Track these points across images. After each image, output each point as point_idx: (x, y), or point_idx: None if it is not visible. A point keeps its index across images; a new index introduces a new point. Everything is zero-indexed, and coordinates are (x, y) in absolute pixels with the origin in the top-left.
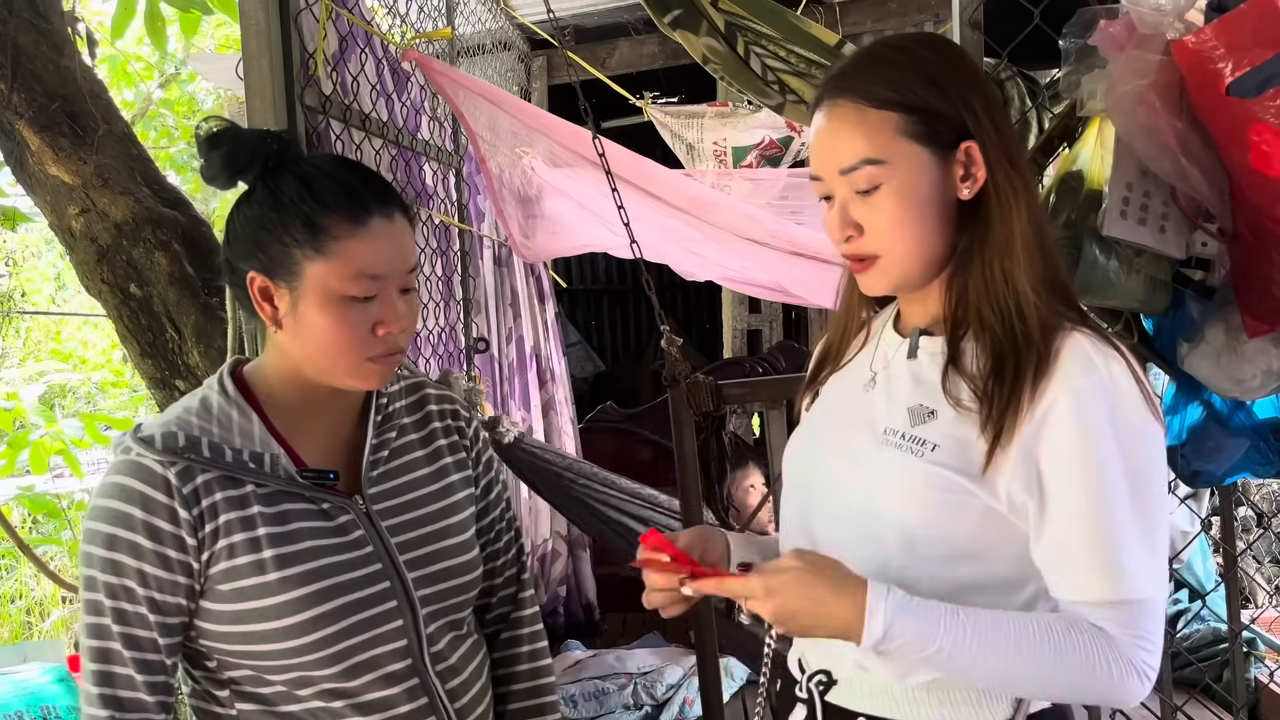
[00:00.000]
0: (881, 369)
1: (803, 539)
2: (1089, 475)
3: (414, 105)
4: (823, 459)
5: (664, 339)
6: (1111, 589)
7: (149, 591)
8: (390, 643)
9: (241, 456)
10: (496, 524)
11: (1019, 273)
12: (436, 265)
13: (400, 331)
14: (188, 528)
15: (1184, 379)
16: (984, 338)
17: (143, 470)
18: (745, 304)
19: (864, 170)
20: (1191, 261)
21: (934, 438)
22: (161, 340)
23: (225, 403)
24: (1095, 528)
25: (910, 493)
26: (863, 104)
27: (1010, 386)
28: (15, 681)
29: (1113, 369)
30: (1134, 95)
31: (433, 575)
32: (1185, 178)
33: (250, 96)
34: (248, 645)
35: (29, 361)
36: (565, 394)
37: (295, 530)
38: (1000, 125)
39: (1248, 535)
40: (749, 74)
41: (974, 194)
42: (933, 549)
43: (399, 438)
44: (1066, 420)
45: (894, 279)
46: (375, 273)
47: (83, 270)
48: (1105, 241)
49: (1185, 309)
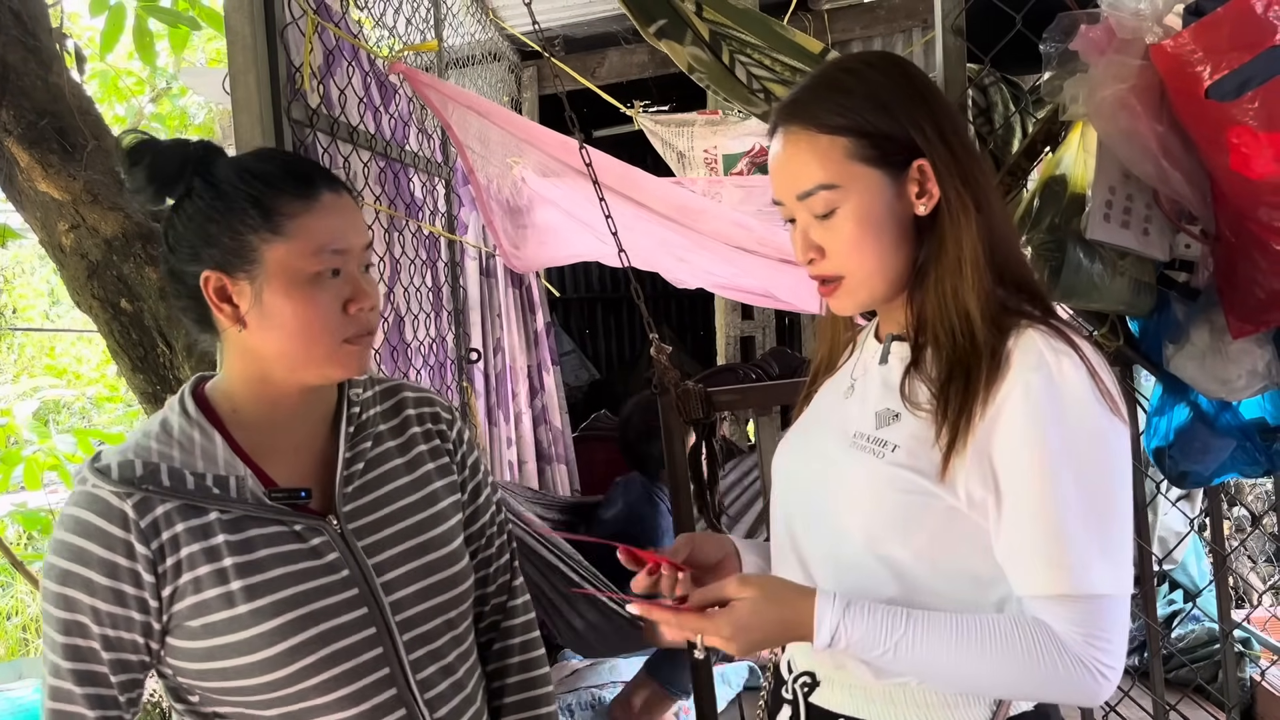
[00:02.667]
0: (860, 376)
1: (788, 544)
2: (1036, 469)
3: (402, 117)
4: (800, 464)
5: (653, 347)
6: (1060, 583)
7: (103, 629)
8: (373, 672)
9: (204, 482)
10: (487, 529)
11: (966, 290)
12: (426, 276)
13: (370, 308)
14: (145, 563)
15: (1170, 380)
16: (939, 349)
17: (98, 503)
18: (738, 311)
19: (819, 195)
20: (1175, 263)
21: (895, 439)
22: (153, 355)
23: (186, 424)
24: (1045, 522)
25: (873, 494)
26: (813, 130)
27: (962, 396)
28: (10, 699)
29: (1063, 364)
30: (1115, 99)
31: (416, 594)
32: (1167, 181)
33: (237, 111)
34: (225, 682)
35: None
36: (557, 403)
37: (264, 558)
38: (952, 143)
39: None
40: (734, 82)
41: (930, 209)
42: (896, 549)
43: (374, 447)
44: (1016, 416)
45: (860, 299)
46: (336, 246)
47: (73, 286)
48: (1089, 245)
49: (1170, 311)
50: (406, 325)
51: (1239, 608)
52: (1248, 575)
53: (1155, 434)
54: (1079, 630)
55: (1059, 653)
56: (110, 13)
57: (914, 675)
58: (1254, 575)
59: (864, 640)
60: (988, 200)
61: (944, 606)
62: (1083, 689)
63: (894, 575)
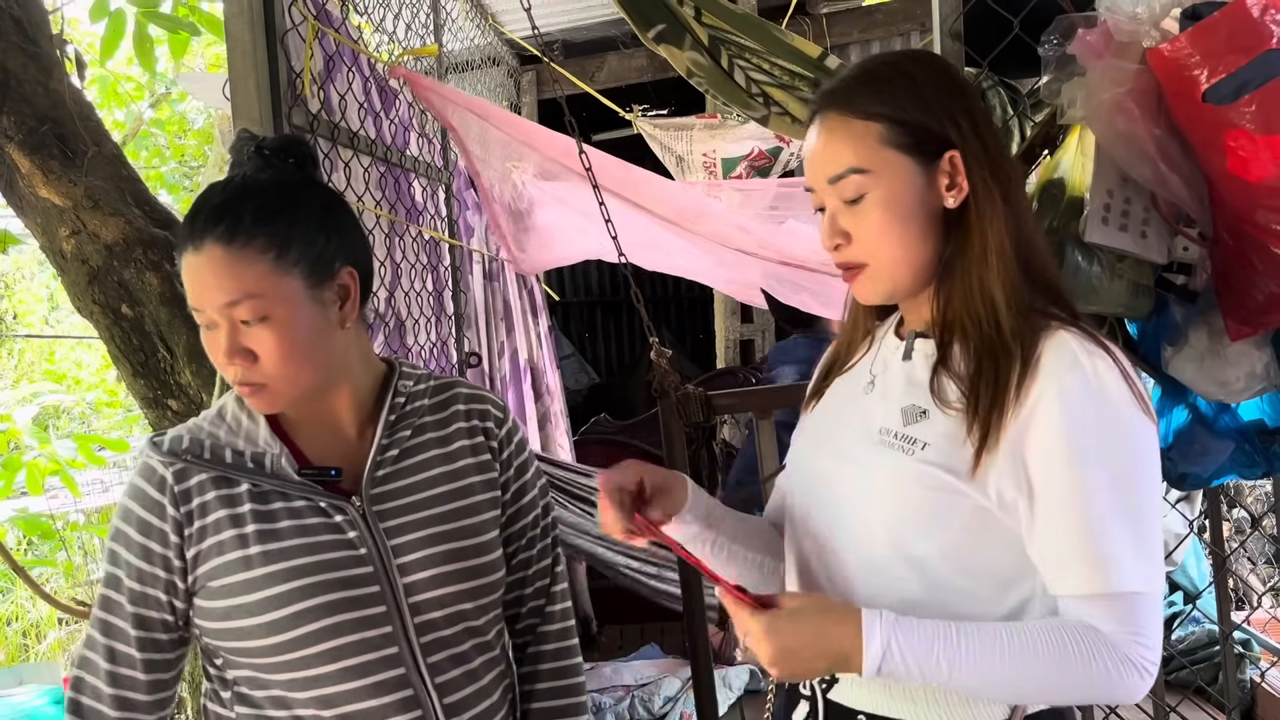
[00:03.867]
0: (880, 372)
1: (807, 541)
2: (1074, 470)
3: (402, 122)
4: (820, 462)
5: (653, 351)
6: (1100, 582)
7: (130, 583)
8: (379, 649)
9: (242, 458)
10: (529, 530)
11: (993, 282)
12: (427, 281)
13: (246, 367)
14: (173, 524)
15: (1169, 382)
16: (967, 343)
17: (146, 469)
18: (737, 314)
19: (850, 179)
20: (1173, 266)
21: (925, 436)
22: (154, 360)
23: (238, 408)
24: (1081, 522)
25: (899, 491)
26: (849, 116)
27: (993, 390)
28: (11, 705)
29: (1098, 365)
30: (1112, 103)
31: (434, 579)
32: (1165, 184)
33: (237, 117)
34: (239, 642)
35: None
36: (560, 407)
37: (284, 528)
38: (984, 138)
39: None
40: (733, 87)
41: (959, 203)
42: (921, 548)
43: (414, 437)
44: (1051, 417)
45: (884, 288)
46: (194, 304)
47: (74, 291)
48: (1087, 248)
49: (1168, 313)
50: (408, 330)
51: (1239, 609)
52: (1247, 577)
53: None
54: (1124, 629)
55: (1108, 653)
56: (110, 19)
57: (962, 688)
58: (1254, 577)
59: (916, 660)
60: (1016, 198)
61: (964, 606)
62: (1128, 687)
63: (917, 573)
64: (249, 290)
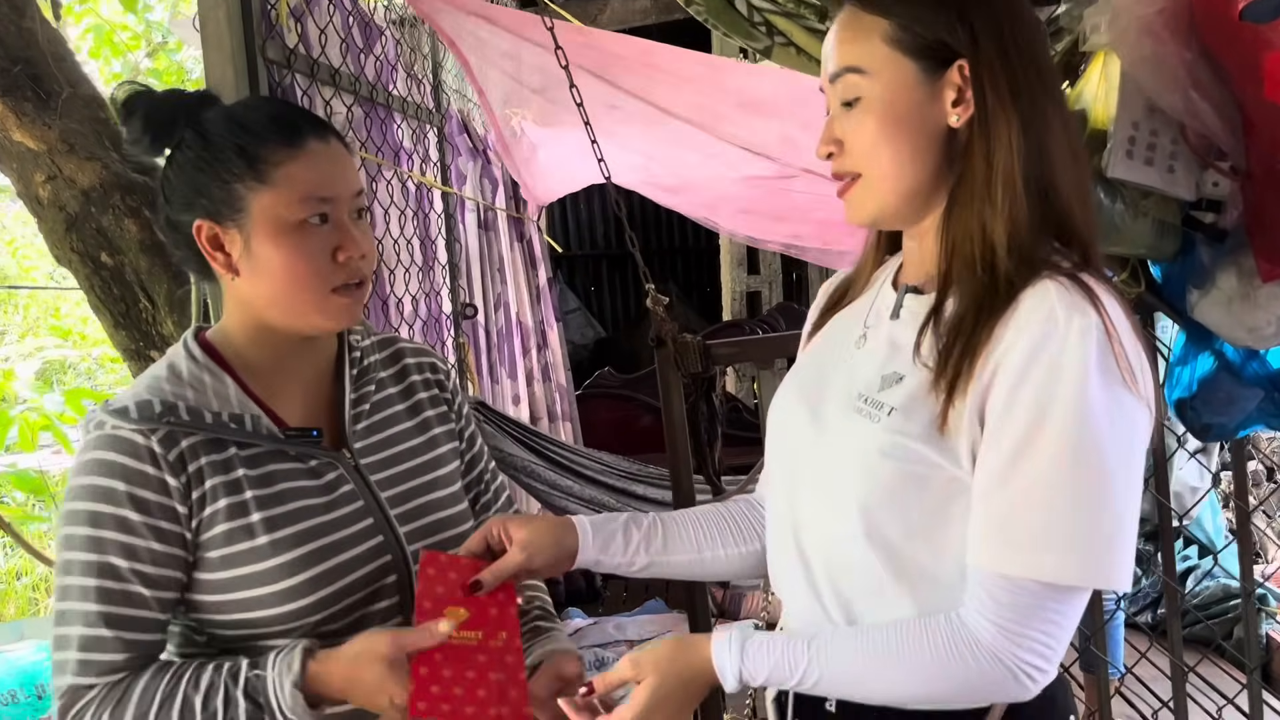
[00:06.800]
0: (873, 326)
1: (785, 507)
2: (1013, 435)
3: (388, 60)
4: (799, 420)
5: (649, 298)
6: (1006, 561)
7: (136, 565)
8: (384, 599)
9: (221, 418)
10: (485, 475)
11: (994, 219)
12: (414, 227)
13: (361, 257)
14: (179, 496)
15: (1194, 328)
16: (959, 291)
17: (121, 443)
18: (744, 265)
19: (846, 79)
20: (1202, 203)
21: (893, 401)
22: (135, 310)
23: (195, 367)
24: (1012, 490)
25: (867, 467)
26: (862, 9)
27: (967, 338)
28: (9, 660)
29: (1073, 326)
30: (1140, 25)
31: (424, 528)
32: (1195, 113)
33: (207, 50)
34: (242, 614)
35: (28, 338)
36: (560, 360)
37: (283, 491)
38: (1007, 47)
39: (1258, 490)
40: (734, 15)
41: (964, 122)
42: (890, 528)
43: (378, 391)
44: (1009, 375)
45: (870, 207)
46: (322, 194)
47: (52, 240)
48: (1110, 184)
49: (1195, 254)
50: (398, 278)
51: (1254, 563)
52: (1264, 530)
53: (1177, 385)
54: (1004, 621)
55: (972, 652)
56: None
57: (834, 694)
58: (1270, 530)
59: (772, 677)
60: (1045, 122)
61: (934, 591)
62: (1003, 689)
63: (884, 554)
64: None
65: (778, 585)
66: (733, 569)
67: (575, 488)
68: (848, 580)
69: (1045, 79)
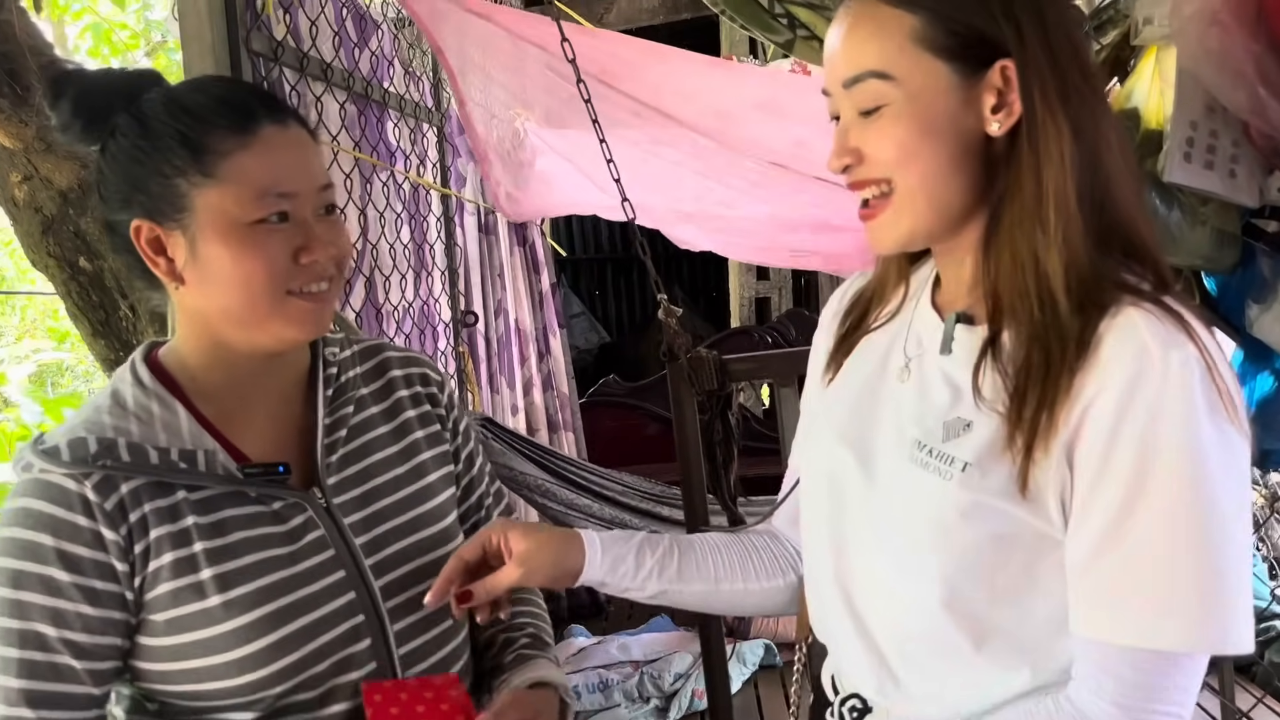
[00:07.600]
0: (916, 356)
1: (829, 561)
2: (1122, 488)
3: (384, 55)
4: (844, 467)
5: (661, 309)
6: (1119, 629)
7: (65, 633)
8: (356, 668)
9: (169, 457)
10: (485, 499)
11: (1048, 248)
12: (411, 231)
13: (329, 258)
14: (117, 551)
15: (1253, 345)
16: (1017, 327)
17: (51, 489)
18: (753, 271)
19: (868, 84)
20: (1265, 211)
21: (964, 455)
22: (114, 318)
23: (141, 394)
24: (1118, 553)
25: (941, 525)
26: (880, 1)
27: (1040, 387)
28: None
29: (1172, 359)
30: (1202, 15)
31: (405, 578)
32: (1263, 111)
33: (186, 41)
34: (194, 684)
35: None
36: (562, 368)
37: (237, 542)
38: (1056, 47)
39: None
40: (755, 7)
41: (1007, 130)
42: (973, 594)
43: (357, 412)
44: (1103, 422)
45: (904, 229)
46: (281, 189)
47: (28, 243)
48: (1166, 190)
49: (1255, 266)
50: (393, 285)
51: (1271, 578)
52: None
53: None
54: (1125, 700)
55: None
56: None
57: None
58: None
59: None
60: (1096, 129)
61: (1018, 654)
62: None
63: (968, 623)
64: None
65: (825, 637)
66: (750, 604)
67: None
68: (917, 645)
69: (1092, 78)
